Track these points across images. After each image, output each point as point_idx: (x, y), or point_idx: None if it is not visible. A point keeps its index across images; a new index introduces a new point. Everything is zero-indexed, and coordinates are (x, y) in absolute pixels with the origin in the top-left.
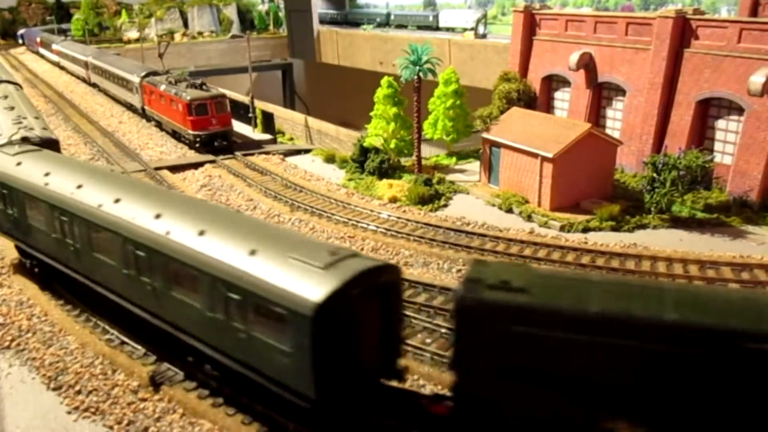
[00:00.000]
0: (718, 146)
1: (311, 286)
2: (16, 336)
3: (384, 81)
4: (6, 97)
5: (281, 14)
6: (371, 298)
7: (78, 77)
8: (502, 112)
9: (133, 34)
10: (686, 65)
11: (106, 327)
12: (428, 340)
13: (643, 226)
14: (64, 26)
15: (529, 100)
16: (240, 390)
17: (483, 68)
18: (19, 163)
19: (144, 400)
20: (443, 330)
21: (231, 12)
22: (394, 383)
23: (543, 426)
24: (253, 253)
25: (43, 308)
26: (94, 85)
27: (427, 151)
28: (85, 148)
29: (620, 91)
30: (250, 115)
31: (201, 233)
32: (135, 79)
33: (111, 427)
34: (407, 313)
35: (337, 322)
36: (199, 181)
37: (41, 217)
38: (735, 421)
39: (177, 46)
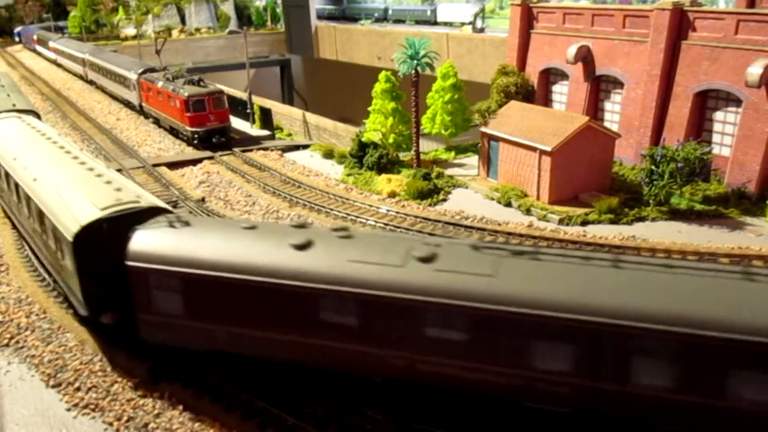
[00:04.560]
0: (716, 138)
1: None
2: (15, 333)
3: (382, 75)
4: None
5: (279, 10)
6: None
7: (75, 74)
8: (500, 106)
9: (130, 30)
10: (684, 57)
11: None
12: None
13: (642, 219)
14: (60, 23)
15: (527, 94)
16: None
17: (481, 62)
18: None
19: (144, 396)
20: None
21: (228, 8)
22: None
23: None
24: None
25: (41, 305)
26: (91, 83)
27: (425, 145)
28: (83, 146)
29: (618, 84)
30: (248, 111)
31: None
32: (132, 75)
33: (110, 424)
34: None
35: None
36: (197, 177)
37: None
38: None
39: (174, 43)
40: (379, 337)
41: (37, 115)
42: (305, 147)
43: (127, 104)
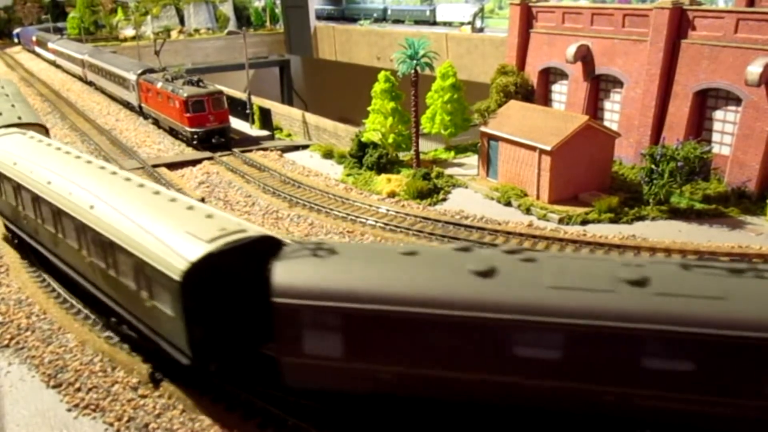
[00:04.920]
0: (716, 137)
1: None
2: (15, 334)
3: (381, 75)
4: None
5: (278, 10)
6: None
7: (74, 75)
8: (499, 106)
9: (130, 31)
10: (683, 56)
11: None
12: None
13: (642, 218)
14: (59, 25)
15: (526, 93)
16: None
17: (480, 62)
18: None
19: (144, 396)
20: None
21: (227, 9)
22: None
23: None
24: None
25: (42, 306)
26: (90, 84)
27: (425, 145)
28: (82, 147)
29: (618, 83)
30: (248, 111)
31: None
32: (131, 76)
33: (111, 424)
34: None
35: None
36: (197, 177)
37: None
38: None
39: (173, 44)
40: (586, 370)
41: (45, 129)
42: (305, 147)
43: (127, 105)
